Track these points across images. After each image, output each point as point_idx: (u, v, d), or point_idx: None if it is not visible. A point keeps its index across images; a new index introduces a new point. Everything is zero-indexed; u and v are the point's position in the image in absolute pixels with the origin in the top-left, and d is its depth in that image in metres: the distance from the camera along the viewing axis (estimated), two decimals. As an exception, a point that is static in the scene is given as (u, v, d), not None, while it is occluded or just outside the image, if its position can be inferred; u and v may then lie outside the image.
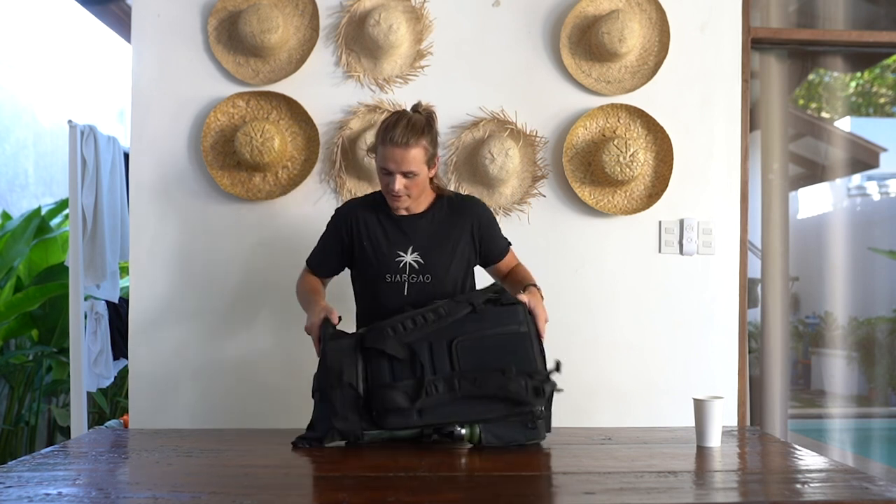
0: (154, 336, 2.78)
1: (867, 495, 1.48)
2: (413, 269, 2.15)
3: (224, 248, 2.79)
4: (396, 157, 2.06)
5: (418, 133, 2.07)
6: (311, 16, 2.78)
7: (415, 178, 2.10)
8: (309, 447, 1.90)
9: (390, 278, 2.15)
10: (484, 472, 1.68)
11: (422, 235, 2.17)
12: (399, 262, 2.15)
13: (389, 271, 2.15)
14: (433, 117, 2.15)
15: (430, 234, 2.18)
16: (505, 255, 2.31)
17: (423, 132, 2.08)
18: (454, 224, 2.21)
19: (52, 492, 1.48)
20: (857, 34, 3.15)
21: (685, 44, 2.85)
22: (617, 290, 2.84)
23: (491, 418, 1.85)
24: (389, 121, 2.10)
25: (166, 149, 2.79)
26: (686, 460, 1.81)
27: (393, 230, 2.18)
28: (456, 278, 2.20)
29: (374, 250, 2.17)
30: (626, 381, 2.82)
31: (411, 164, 2.07)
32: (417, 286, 2.15)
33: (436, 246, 2.18)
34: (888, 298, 4.00)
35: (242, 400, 2.76)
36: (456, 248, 2.20)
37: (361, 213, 2.21)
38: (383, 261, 2.16)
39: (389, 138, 2.06)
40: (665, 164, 2.80)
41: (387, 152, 2.07)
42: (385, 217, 2.20)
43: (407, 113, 2.12)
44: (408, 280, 2.15)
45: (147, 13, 2.80)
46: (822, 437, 3.47)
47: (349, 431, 1.89)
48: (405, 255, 2.16)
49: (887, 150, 5.20)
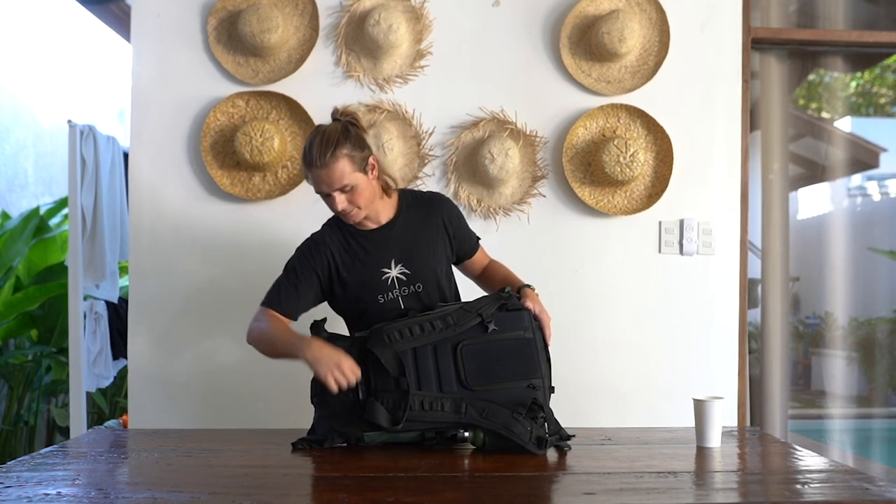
0: (154, 336, 2.78)
1: (867, 496, 1.48)
2: (402, 281, 2.04)
3: (224, 248, 2.79)
4: (323, 178, 1.95)
5: (333, 145, 1.93)
6: (310, 15, 2.78)
7: (355, 190, 1.97)
8: (309, 448, 1.90)
9: (383, 298, 2.03)
10: (484, 472, 1.68)
11: (399, 246, 2.06)
12: (386, 279, 2.04)
13: (380, 291, 2.03)
14: (353, 120, 2.01)
15: (406, 242, 2.07)
16: (476, 250, 2.24)
17: (338, 143, 1.94)
18: (426, 224, 2.11)
19: (52, 492, 1.48)
20: (857, 34, 3.15)
21: (685, 44, 2.84)
22: (617, 291, 2.83)
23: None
24: (307, 142, 1.98)
25: (166, 149, 2.79)
26: (686, 461, 1.81)
27: (369, 248, 2.06)
28: (444, 279, 2.11)
29: (359, 275, 2.04)
30: (626, 382, 2.81)
31: (342, 179, 1.94)
32: (412, 297, 2.04)
33: (416, 252, 2.07)
34: (888, 299, 4.00)
35: (242, 400, 2.76)
36: (436, 249, 2.10)
37: (331, 245, 2.07)
38: (370, 282, 2.04)
39: (308, 162, 1.95)
40: (665, 164, 2.80)
41: (313, 175, 1.96)
42: (355, 237, 2.07)
43: (321, 128, 1.99)
44: (400, 294, 2.03)
45: (147, 13, 2.80)
46: (822, 438, 3.47)
47: (349, 433, 1.89)
48: (390, 271, 2.04)
49: (887, 150, 5.19)
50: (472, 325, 1.90)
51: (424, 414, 1.85)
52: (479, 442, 1.86)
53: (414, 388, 1.86)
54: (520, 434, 1.82)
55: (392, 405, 1.86)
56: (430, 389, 1.86)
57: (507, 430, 1.82)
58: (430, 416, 1.85)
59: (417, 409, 1.85)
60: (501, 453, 1.82)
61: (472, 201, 2.78)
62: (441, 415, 1.85)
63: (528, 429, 1.82)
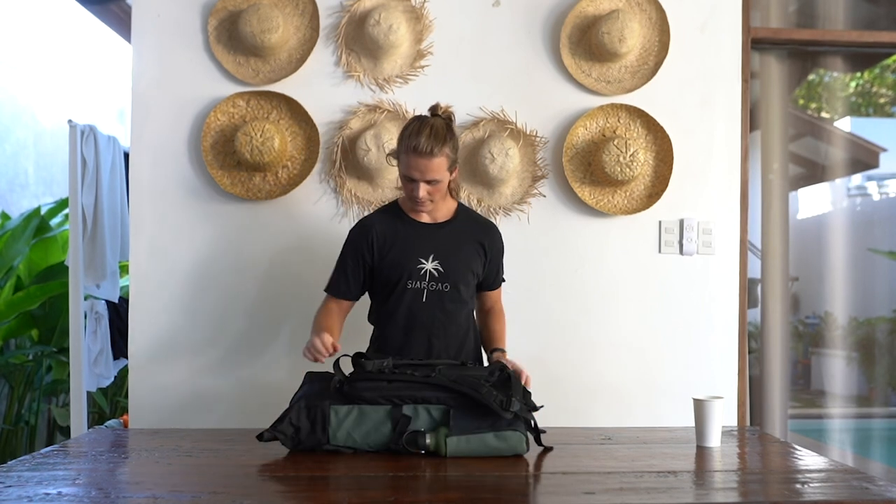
0: (154, 336, 2.78)
1: (867, 495, 1.48)
2: (433, 276, 2.18)
3: (224, 248, 2.79)
4: (421, 167, 2.08)
5: (441, 141, 2.08)
6: (311, 16, 2.78)
7: (438, 185, 2.13)
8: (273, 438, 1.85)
9: (411, 284, 2.18)
10: (484, 472, 1.68)
11: (443, 244, 2.21)
12: (420, 269, 2.18)
13: (411, 277, 2.18)
14: (452, 119, 2.17)
15: (449, 246, 2.21)
16: (495, 288, 2.36)
17: (445, 139, 2.09)
18: (471, 239, 2.25)
19: (52, 491, 1.48)
20: (857, 34, 3.15)
21: (685, 44, 2.85)
22: (617, 290, 2.84)
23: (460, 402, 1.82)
24: (412, 128, 2.10)
25: (166, 149, 2.79)
26: (686, 460, 1.81)
27: (415, 238, 2.20)
28: (467, 293, 2.25)
29: (397, 255, 2.19)
30: (625, 382, 2.82)
31: (436, 173, 2.10)
32: (436, 294, 2.19)
33: (455, 258, 2.21)
34: (888, 298, 4.00)
35: (242, 399, 2.76)
36: (471, 264, 2.24)
37: (380, 228, 2.21)
38: (405, 265, 2.18)
39: (413, 147, 2.07)
40: (665, 164, 2.80)
41: (411, 161, 2.09)
42: (406, 225, 2.22)
43: (429, 120, 2.12)
44: (427, 287, 2.18)
45: (147, 13, 2.80)
46: (822, 437, 3.47)
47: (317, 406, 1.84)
48: (426, 263, 2.18)
49: (887, 150, 5.20)
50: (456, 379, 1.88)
51: (395, 375, 1.85)
52: (441, 448, 1.77)
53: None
54: (486, 395, 1.80)
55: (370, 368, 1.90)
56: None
57: (474, 391, 1.80)
58: (399, 376, 1.85)
59: (388, 371, 1.87)
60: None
61: (473, 201, 2.79)
62: (411, 378, 1.85)
63: (494, 394, 1.81)
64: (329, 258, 2.32)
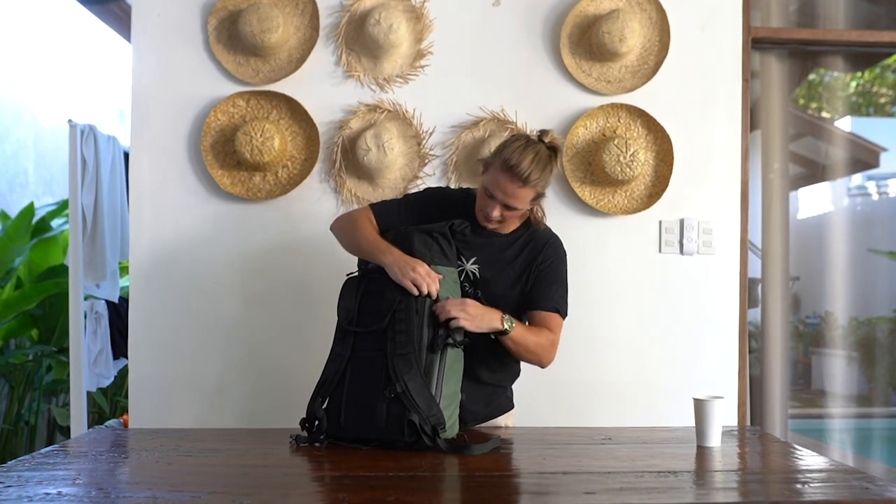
0: (154, 336, 2.78)
1: (867, 495, 1.48)
2: (468, 278, 2.05)
3: (224, 248, 2.79)
4: (508, 190, 1.94)
5: (540, 172, 1.93)
6: (311, 15, 2.78)
7: (515, 212, 2.00)
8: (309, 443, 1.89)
9: None
10: (484, 471, 1.68)
11: (490, 257, 2.06)
12: (459, 266, 2.04)
13: None
14: (558, 150, 1.99)
15: (496, 261, 2.06)
16: (542, 310, 2.06)
17: (543, 172, 1.94)
18: (522, 260, 2.07)
19: (52, 491, 1.48)
20: (857, 34, 3.15)
21: (685, 43, 2.84)
22: (617, 290, 2.84)
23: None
24: (517, 146, 1.94)
25: (166, 148, 2.79)
26: (686, 460, 1.81)
27: (471, 239, 2.04)
28: (508, 304, 2.02)
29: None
30: (625, 381, 2.82)
31: (519, 201, 1.96)
32: (467, 295, 2.01)
33: (498, 275, 2.05)
34: (888, 298, 4.00)
35: (242, 399, 2.76)
36: (514, 284, 2.06)
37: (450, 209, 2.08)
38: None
39: (510, 166, 1.92)
40: (665, 164, 2.80)
41: (500, 180, 1.94)
42: (470, 219, 2.04)
43: (536, 145, 1.95)
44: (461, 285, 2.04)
45: (147, 13, 2.80)
46: (823, 437, 3.47)
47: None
48: (466, 263, 2.06)
49: (887, 150, 5.19)
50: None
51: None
52: None
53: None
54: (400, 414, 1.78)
55: None
56: None
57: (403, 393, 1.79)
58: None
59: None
60: (501, 452, 1.81)
61: (473, 201, 2.78)
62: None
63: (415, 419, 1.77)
64: (329, 258, 2.31)
